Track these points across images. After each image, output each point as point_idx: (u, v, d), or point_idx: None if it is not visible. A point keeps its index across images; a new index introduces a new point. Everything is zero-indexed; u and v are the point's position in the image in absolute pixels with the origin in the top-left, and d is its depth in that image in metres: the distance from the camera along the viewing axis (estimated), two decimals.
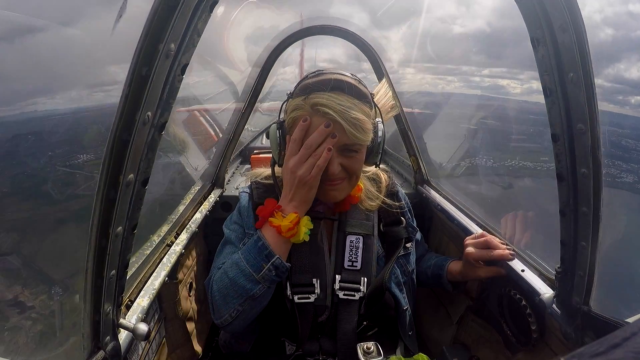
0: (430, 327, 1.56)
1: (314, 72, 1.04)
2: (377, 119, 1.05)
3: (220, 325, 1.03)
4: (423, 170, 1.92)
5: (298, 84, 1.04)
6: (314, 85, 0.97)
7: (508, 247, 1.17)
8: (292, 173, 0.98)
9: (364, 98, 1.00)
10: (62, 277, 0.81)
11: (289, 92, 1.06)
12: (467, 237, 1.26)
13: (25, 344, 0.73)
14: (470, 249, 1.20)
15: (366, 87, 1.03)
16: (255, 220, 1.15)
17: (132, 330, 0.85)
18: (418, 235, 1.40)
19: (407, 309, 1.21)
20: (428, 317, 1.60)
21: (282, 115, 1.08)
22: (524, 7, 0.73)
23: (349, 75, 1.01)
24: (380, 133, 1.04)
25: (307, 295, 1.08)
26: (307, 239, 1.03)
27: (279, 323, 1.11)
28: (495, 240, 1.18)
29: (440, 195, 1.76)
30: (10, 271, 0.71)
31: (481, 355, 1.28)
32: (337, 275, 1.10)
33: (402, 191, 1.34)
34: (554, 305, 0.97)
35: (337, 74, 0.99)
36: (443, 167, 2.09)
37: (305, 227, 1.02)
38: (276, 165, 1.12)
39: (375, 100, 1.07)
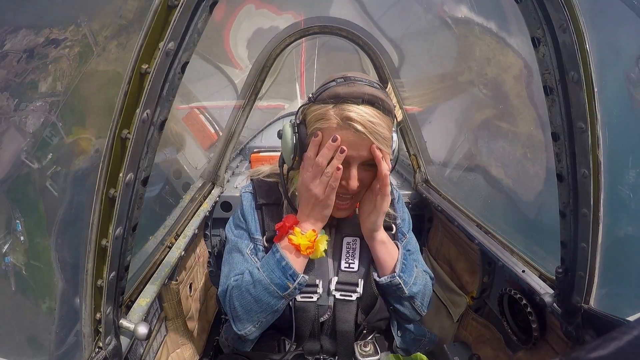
0: (432, 326, 1.57)
1: (341, 77, 0.99)
2: (393, 130, 1.04)
3: (244, 336, 1.05)
4: (423, 170, 1.92)
5: (322, 89, 0.99)
6: (346, 95, 0.93)
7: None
8: (308, 191, 0.98)
9: (390, 113, 0.99)
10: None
11: (311, 95, 1.01)
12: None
13: (69, 67, 0.79)
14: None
15: (390, 100, 1.01)
16: (260, 222, 1.15)
17: (133, 331, 0.85)
18: (410, 247, 1.26)
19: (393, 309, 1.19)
20: (429, 317, 1.60)
21: (299, 118, 1.04)
22: (524, 8, 0.73)
23: (377, 85, 0.99)
24: (394, 145, 1.04)
25: (310, 295, 1.08)
26: (324, 255, 1.05)
27: (280, 322, 1.11)
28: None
29: (440, 195, 1.75)
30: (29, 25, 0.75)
31: (482, 353, 1.28)
32: (334, 277, 1.11)
33: (402, 200, 1.30)
34: (554, 305, 0.97)
35: (368, 85, 0.96)
36: None
37: (322, 244, 1.03)
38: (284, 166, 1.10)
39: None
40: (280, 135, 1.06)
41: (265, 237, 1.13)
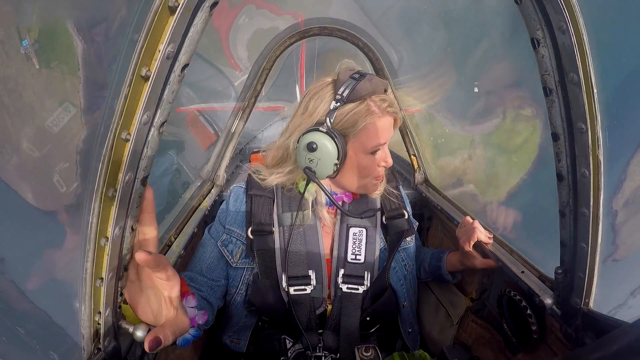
0: (431, 328, 1.56)
1: (356, 73, 1.04)
2: None
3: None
4: (423, 169, 1.92)
5: (349, 89, 1.01)
6: (374, 88, 1.03)
7: (490, 235, 1.22)
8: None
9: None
10: None
11: (339, 96, 1.01)
12: (460, 224, 1.30)
13: None
14: (458, 234, 1.25)
15: None
16: (247, 213, 1.16)
17: (132, 333, 0.85)
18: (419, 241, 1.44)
19: (406, 304, 1.21)
20: (428, 319, 1.59)
21: (330, 122, 1.02)
22: (523, 9, 0.73)
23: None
24: None
25: (303, 287, 1.08)
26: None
27: (277, 316, 1.11)
28: (480, 227, 1.21)
29: (440, 195, 1.76)
30: None
31: (481, 355, 1.28)
32: (340, 269, 1.11)
33: (400, 185, 1.40)
34: (554, 306, 0.97)
35: (376, 76, 1.07)
36: None
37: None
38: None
39: None
40: (313, 147, 1.00)
41: (250, 228, 1.13)
